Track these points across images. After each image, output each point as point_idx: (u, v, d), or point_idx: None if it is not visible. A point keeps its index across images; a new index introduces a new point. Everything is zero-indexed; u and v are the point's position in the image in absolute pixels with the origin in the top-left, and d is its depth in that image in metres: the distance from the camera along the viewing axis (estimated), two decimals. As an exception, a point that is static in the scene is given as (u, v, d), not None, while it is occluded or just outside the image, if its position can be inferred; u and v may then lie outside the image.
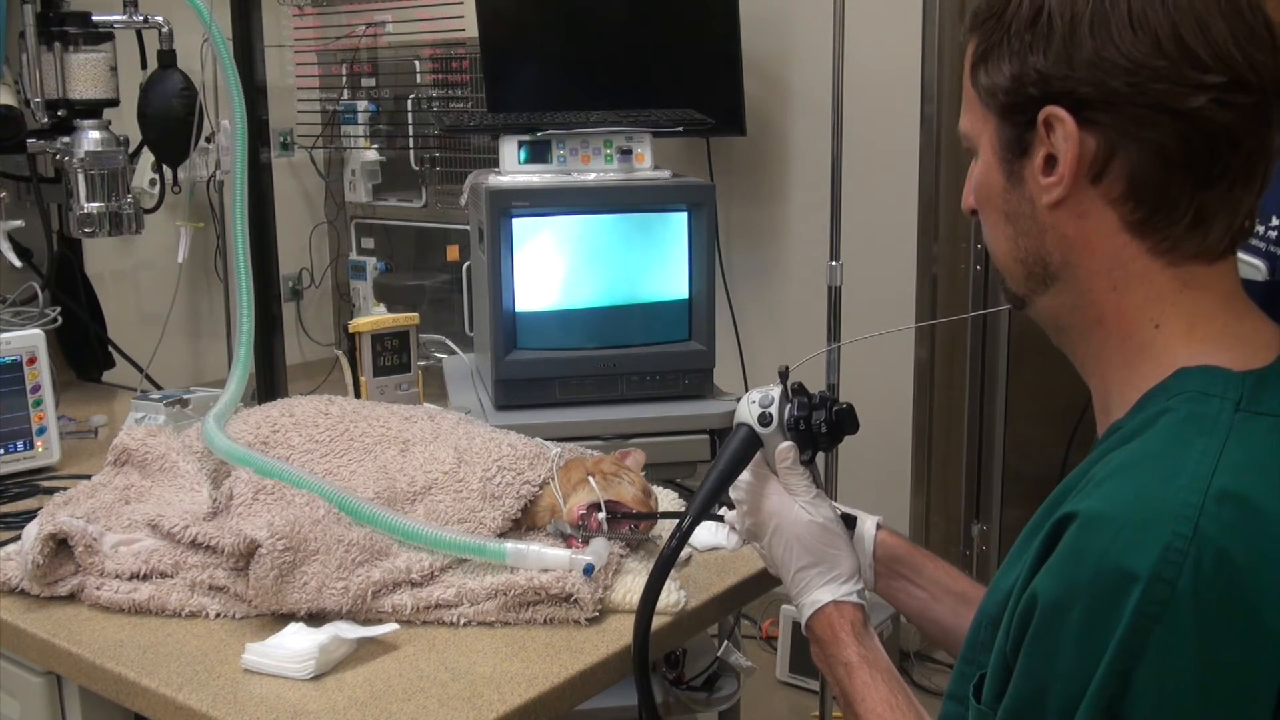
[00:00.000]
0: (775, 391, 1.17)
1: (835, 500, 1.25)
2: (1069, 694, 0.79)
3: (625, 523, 1.40)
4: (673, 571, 1.37)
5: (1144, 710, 0.77)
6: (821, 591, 1.12)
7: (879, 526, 1.26)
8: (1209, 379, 0.86)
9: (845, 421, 1.16)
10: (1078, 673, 0.79)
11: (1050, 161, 0.88)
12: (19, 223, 2.20)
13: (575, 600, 1.29)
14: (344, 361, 2.03)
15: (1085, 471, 0.86)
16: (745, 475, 1.20)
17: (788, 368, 1.17)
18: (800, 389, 1.17)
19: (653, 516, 1.41)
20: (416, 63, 4.33)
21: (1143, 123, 0.84)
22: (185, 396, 2.00)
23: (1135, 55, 0.83)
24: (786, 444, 1.16)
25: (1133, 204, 0.87)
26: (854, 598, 1.12)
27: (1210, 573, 0.76)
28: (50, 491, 1.67)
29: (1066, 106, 0.86)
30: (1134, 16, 0.84)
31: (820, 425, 1.15)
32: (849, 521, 1.23)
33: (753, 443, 1.18)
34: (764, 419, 1.17)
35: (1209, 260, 0.89)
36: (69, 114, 2.10)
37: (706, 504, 1.22)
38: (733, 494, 1.22)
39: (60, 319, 2.20)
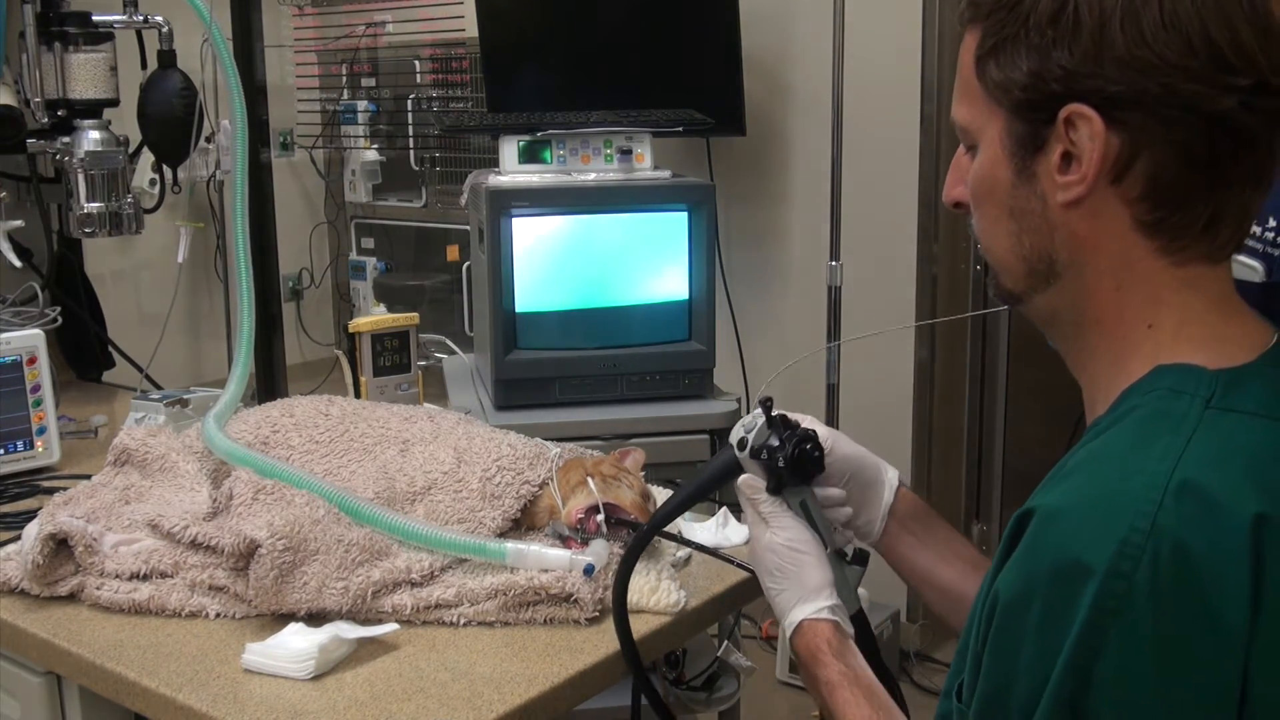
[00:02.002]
0: (761, 419, 1.17)
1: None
2: (1031, 689, 0.79)
3: (623, 527, 1.39)
4: (672, 571, 1.38)
5: (1105, 705, 0.77)
6: (795, 611, 1.12)
7: (900, 483, 1.26)
8: (1183, 376, 0.86)
9: (804, 461, 1.15)
10: (1038, 667, 0.79)
11: (1067, 159, 0.87)
12: (19, 223, 2.20)
13: (575, 600, 1.29)
14: (344, 361, 2.03)
15: (1063, 465, 0.87)
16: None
17: (770, 399, 1.17)
18: (781, 421, 1.17)
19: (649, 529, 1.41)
20: (416, 63, 4.33)
21: (1171, 123, 0.83)
22: (185, 396, 2.00)
23: (1168, 55, 0.82)
24: (746, 476, 1.17)
25: (1150, 204, 0.86)
26: (825, 614, 1.12)
27: (1168, 566, 0.76)
28: (50, 491, 1.67)
29: (1092, 105, 0.85)
30: (1166, 15, 0.82)
31: (779, 460, 1.15)
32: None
33: (731, 465, 1.20)
34: (742, 444, 1.18)
35: (1214, 261, 0.89)
36: (69, 114, 2.09)
37: (669, 516, 1.25)
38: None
39: (60, 319, 2.19)
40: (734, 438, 1.19)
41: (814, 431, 1.17)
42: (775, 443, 1.15)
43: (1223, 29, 0.82)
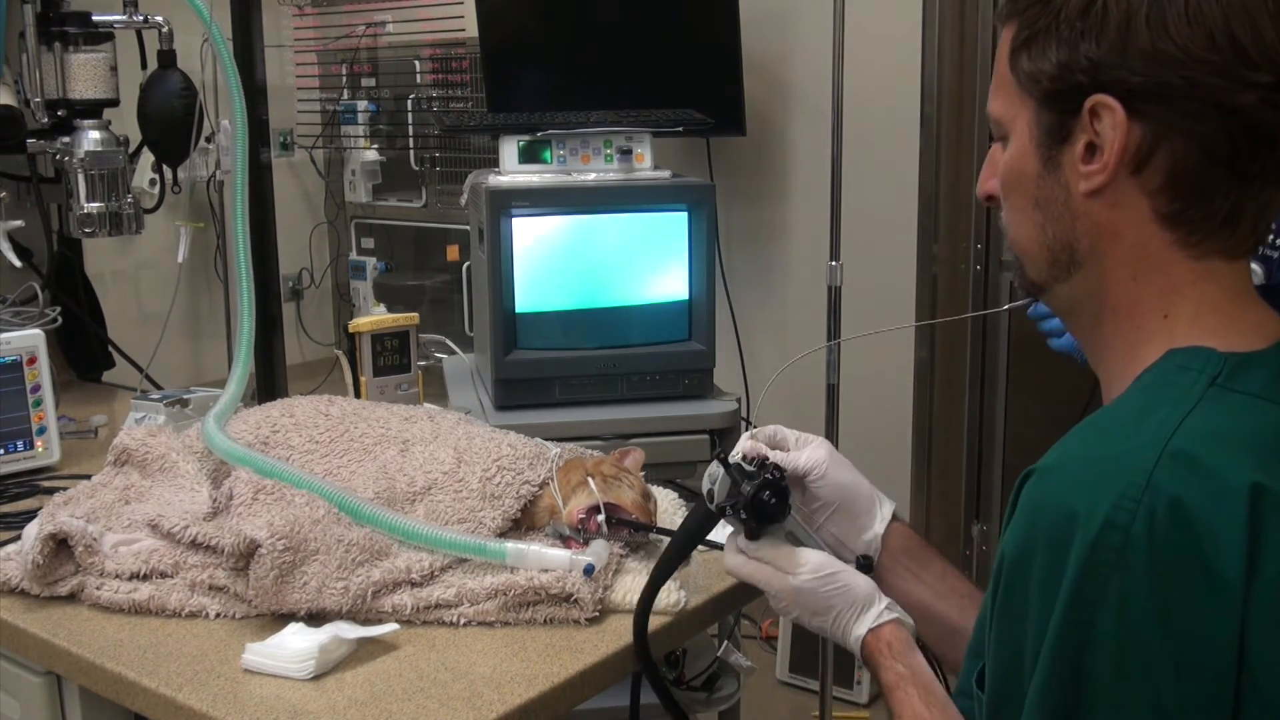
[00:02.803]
0: (721, 472, 1.16)
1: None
2: (1039, 644, 0.81)
3: (623, 527, 1.39)
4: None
5: (1106, 657, 0.78)
6: (857, 628, 1.13)
7: (894, 516, 1.25)
8: (1192, 355, 0.88)
9: (766, 509, 1.14)
10: (1044, 620, 0.80)
11: (1091, 149, 0.89)
12: (19, 223, 2.20)
13: (575, 600, 1.29)
14: (344, 361, 2.04)
15: None
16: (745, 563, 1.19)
17: (723, 452, 1.16)
18: (738, 469, 1.15)
19: (651, 529, 1.41)
20: (416, 63, 4.33)
21: (1191, 116, 0.85)
22: (185, 396, 2.00)
23: (1190, 49, 0.84)
24: (729, 531, 1.17)
25: (1169, 196, 0.88)
26: (885, 617, 1.12)
27: (1164, 521, 0.77)
28: (50, 491, 1.67)
29: (1116, 95, 0.87)
30: (1190, 10, 0.84)
31: (739, 512, 1.14)
32: (863, 563, 1.22)
33: (708, 515, 1.20)
34: (710, 496, 1.18)
35: (1231, 257, 0.90)
36: (69, 114, 2.10)
37: (665, 572, 1.25)
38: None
39: (60, 319, 2.20)
40: (704, 489, 1.19)
41: (776, 474, 1.15)
42: (734, 497, 1.15)
43: (1246, 25, 0.83)
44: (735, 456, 1.18)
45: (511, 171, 2.32)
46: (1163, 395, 0.85)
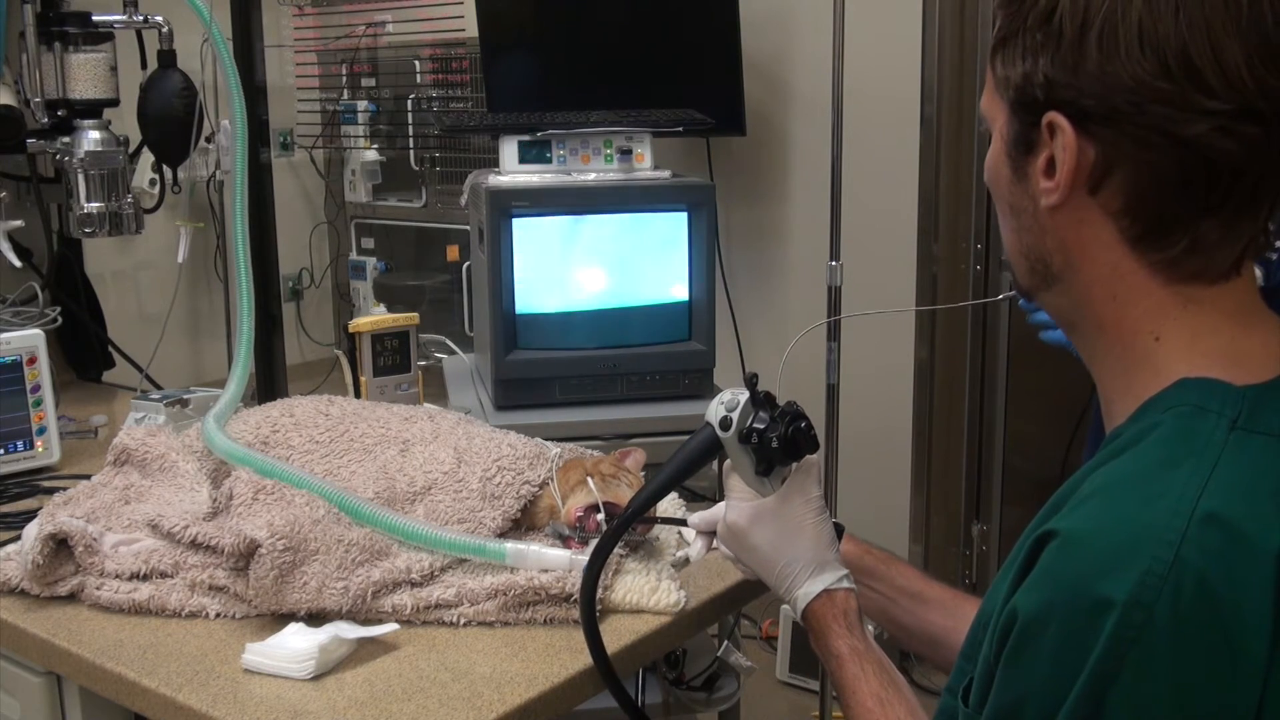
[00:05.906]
0: (744, 396, 1.14)
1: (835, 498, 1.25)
2: (1043, 710, 0.78)
3: (623, 526, 1.39)
4: (672, 571, 1.38)
5: None
6: (812, 583, 1.11)
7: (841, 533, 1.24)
8: (1208, 392, 0.83)
9: (801, 441, 1.12)
10: (1052, 690, 0.78)
11: (1052, 164, 0.85)
12: (19, 223, 2.20)
13: (575, 600, 1.29)
14: (344, 361, 2.04)
15: (1082, 479, 0.85)
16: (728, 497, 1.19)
17: (755, 375, 1.15)
18: (767, 399, 1.14)
19: (650, 521, 1.41)
20: (416, 63, 4.33)
21: (1141, 143, 0.81)
22: (185, 396, 2.00)
23: (1140, 75, 0.79)
24: (743, 458, 1.15)
25: (1129, 220, 0.84)
26: (844, 583, 1.11)
27: (1190, 600, 0.74)
28: (50, 491, 1.67)
29: (1068, 115, 0.83)
30: (1144, 32, 0.79)
31: (772, 441, 1.12)
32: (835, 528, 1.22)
33: (713, 444, 1.17)
34: (725, 423, 1.15)
35: (1210, 281, 0.85)
36: (69, 114, 2.10)
37: (653, 497, 1.23)
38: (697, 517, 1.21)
39: (60, 319, 2.20)
40: (713, 417, 1.16)
41: (802, 408, 1.15)
42: (763, 423, 1.12)
43: (1205, 47, 0.78)
44: (739, 401, 1.15)
45: (511, 171, 2.32)
46: (1184, 447, 0.80)
